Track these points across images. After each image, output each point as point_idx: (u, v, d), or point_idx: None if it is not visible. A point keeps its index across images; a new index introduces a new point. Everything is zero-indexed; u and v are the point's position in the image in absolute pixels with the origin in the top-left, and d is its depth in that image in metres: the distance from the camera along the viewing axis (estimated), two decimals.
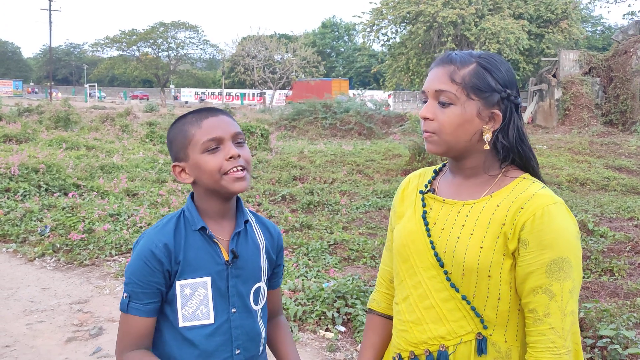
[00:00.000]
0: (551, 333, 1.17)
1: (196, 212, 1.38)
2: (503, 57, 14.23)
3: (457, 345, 1.26)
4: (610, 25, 53.48)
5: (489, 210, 1.25)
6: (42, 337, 3.88)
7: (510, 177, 1.29)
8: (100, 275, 5.16)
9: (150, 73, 51.51)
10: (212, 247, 1.37)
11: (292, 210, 7.74)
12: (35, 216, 6.51)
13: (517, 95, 1.28)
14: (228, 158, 1.32)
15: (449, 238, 1.27)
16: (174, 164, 1.39)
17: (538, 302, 1.19)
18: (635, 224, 7.07)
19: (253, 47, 43.00)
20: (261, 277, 1.44)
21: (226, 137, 1.34)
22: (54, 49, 70.03)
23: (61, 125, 17.67)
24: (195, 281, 1.34)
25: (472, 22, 27.39)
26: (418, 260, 1.32)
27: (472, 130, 1.25)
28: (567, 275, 1.18)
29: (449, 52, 1.31)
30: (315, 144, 16.27)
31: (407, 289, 1.34)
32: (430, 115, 1.27)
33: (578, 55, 22.77)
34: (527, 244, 1.19)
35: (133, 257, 1.34)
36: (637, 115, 20.74)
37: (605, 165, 12.56)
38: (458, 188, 1.33)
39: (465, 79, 1.24)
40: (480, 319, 1.24)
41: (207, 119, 1.35)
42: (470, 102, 1.24)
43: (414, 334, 1.31)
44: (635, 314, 3.98)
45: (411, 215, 1.38)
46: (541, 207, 1.19)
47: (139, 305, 1.31)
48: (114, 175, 9.61)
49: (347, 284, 4.34)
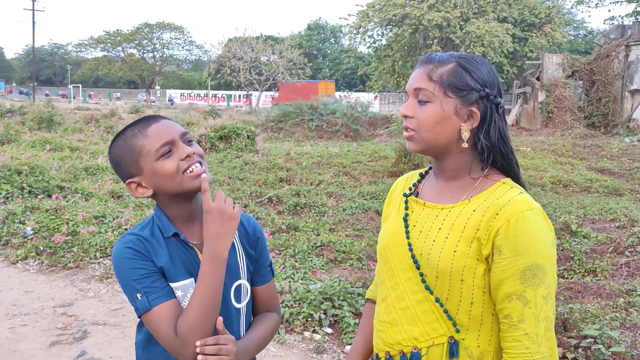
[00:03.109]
0: (525, 339, 1.18)
1: (166, 218, 1.37)
2: (487, 59, 14.49)
3: (429, 347, 1.27)
4: (592, 29, 54.28)
5: (465, 215, 1.26)
6: (25, 340, 3.82)
7: (490, 181, 1.29)
8: (85, 278, 5.10)
9: (135, 74, 51.01)
10: (189, 251, 1.37)
11: (279, 212, 7.73)
12: (18, 218, 6.42)
13: (498, 96, 1.29)
14: (184, 157, 1.32)
15: (425, 241, 1.28)
16: (128, 181, 1.36)
17: (512, 308, 1.19)
18: (617, 225, 7.17)
19: (239, 49, 42.90)
20: (240, 274, 1.43)
21: (176, 138, 1.34)
22: (38, 50, 69.16)
23: (44, 126, 17.48)
24: (183, 283, 1.34)
25: (457, 25, 27.60)
26: (397, 262, 1.34)
27: (450, 128, 1.26)
28: (541, 282, 1.18)
29: (430, 53, 1.34)
30: (302, 145, 16.27)
31: (386, 290, 1.37)
32: (410, 113, 1.30)
33: (561, 58, 23.06)
34: (502, 250, 1.19)
35: (116, 265, 1.33)
36: (618, 118, 21.06)
37: (588, 167, 12.72)
38: (440, 191, 1.34)
39: (442, 77, 1.26)
40: (452, 322, 1.25)
41: (150, 127, 1.34)
42: (447, 99, 1.26)
43: (390, 334, 1.33)
44: (618, 314, 4.03)
45: (394, 218, 1.41)
46: (516, 213, 1.19)
47: (159, 292, 1.29)
48: (99, 176, 9.52)
49: (334, 285, 4.35)
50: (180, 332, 1.26)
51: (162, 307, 1.27)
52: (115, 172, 1.40)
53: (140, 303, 1.28)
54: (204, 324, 1.26)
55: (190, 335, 1.25)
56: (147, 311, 1.28)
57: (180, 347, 1.26)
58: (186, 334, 1.25)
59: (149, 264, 1.31)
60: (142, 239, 1.33)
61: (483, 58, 1.32)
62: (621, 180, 11.42)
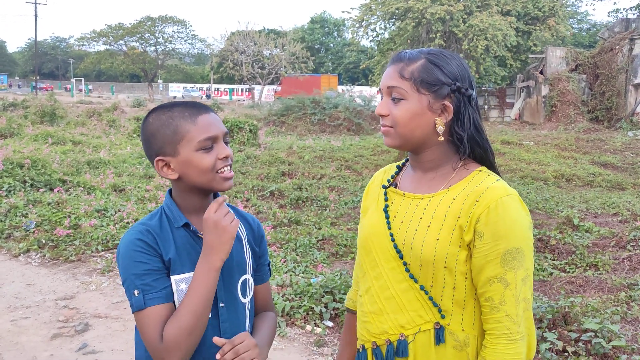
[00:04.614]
0: (506, 320, 1.22)
1: (177, 208, 1.37)
2: (491, 53, 14.39)
3: (415, 334, 1.30)
4: (595, 23, 53.93)
5: (445, 204, 1.29)
6: (27, 333, 3.84)
7: (467, 170, 1.33)
8: (87, 271, 5.11)
9: (138, 68, 50.98)
10: (197, 242, 1.36)
11: (281, 205, 7.74)
12: (20, 212, 6.44)
13: (470, 88, 1.32)
14: (222, 157, 1.32)
15: (407, 230, 1.31)
16: (158, 158, 1.34)
17: (494, 291, 1.23)
18: (619, 220, 7.16)
19: (242, 42, 42.77)
20: (246, 269, 1.44)
21: (220, 136, 1.34)
22: (40, 43, 69.18)
23: (47, 120, 17.50)
24: (189, 275, 1.32)
25: (460, 19, 27.45)
26: (380, 252, 1.36)
27: (425, 123, 1.30)
28: (521, 265, 1.23)
29: (400, 51, 1.37)
30: (304, 139, 16.26)
31: (369, 281, 1.39)
32: (385, 112, 1.33)
33: (565, 52, 22.96)
34: (483, 236, 1.23)
35: (122, 254, 1.31)
36: (622, 112, 20.98)
37: (591, 162, 12.69)
38: (418, 182, 1.37)
39: (414, 74, 1.29)
40: (438, 309, 1.29)
41: (202, 116, 1.33)
42: (420, 96, 1.29)
43: (376, 325, 1.35)
44: (619, 308, 4.03)
45: (374, 210, 1.43)
46: (495, 199, 1.24)
47: (156, 294, 1.27)
48: (101, 170, 9.54)
49: (335, 279, 4.35)
50: (167, 338, 1.23)
51: (155, 309, 1.25)
52: (143, 144, 1.37)
53: (135, 300, 1.26)
54: (192, 333, 1.24)
55: (176, 343, 1.23)
56: (141, 310, 1.26)
57: (163, 354, 1.23)
58: (172, 342, 1.23)
59: (155, 260, 1.29)
60: (152, 232, 1.32)
61: (452, 52, 1.37)
62: (624, 174, 11.38)
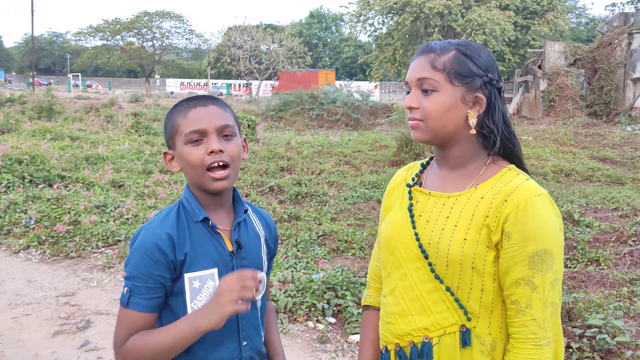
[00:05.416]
0: (532, 324, 1.19)
1: (196, 202, 1.35)
2: (489, 48, 14.38)
3: (440, 336, 1.27)
4: (594, 17, 53.88)
5: (473, 203, 1.26)
6: (29, 330, 3.82)
7: (495, 168, 1.29)
8: (87, 268, 5.09)
9: (135, 63, 50.72)
10: (216, 238, 1.34)
11: (280, 201, 7.72)
12: (20, 208, 6.41)
13: (500, 80, 1.29)
14: (209, 152, 1.29)
15: (433, 230, 1.28)
16: (165, 151, 1.40)
17: (520, 294, 1.19)
18: (620, 214, 7.15)
19: (239, 38, 42.62)
20: (262, 266, 1.43)
21: (210, 129, 1.30)
22: (37, 38, 68.76)
23: (44, 115, 17.41)
24: (203, 273, 1.31)
25: (458, 13, 27.40)
26: (404, 252, 1.33)
27: (458, 116, 1.26)
28: (549, 267, 1.19)
29: (428, 42, 1.33)
30: (302, 135, 16.23)
31: (393, 281, 1.36)
32: (415, 104, 1.28)
33: (563, 46, 22.92)
34: (510, 236, 1.19)
35: (133, 250, 1.30)
36: (620, 106, 20.97)
37: (590, 156, 12.69)
38: (444, 180, 1.34)
39: (446, 65, 1.25)
40: (464, 311, 1.25)
41: (194, 109, 1.32)
42: (453, 87, 1.25)
43: (399, 326, 1.32)
44: (622, 303, 4.03)
45: (398, 208, 1.39)
46: (524, 199, 1.20)
47: (140, 300, 1.27)
48: (99, 166, 9.50)
49: (337, 275, 4.34)
50: (128, 348, 1.25)
51: (134, 314, 1.26)
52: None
53: (122, 296, 1.29)
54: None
55: (132, 358, 1.25)
56: (122, 307, 1.29)
57: (119, 357, 1.28)
58: (130, 354, 1.25)
59: (161, 269, 1.27)
60: (172, 236, 1.29)
61: (479, 44, 1.33)
62: (623, 169, 11.39)
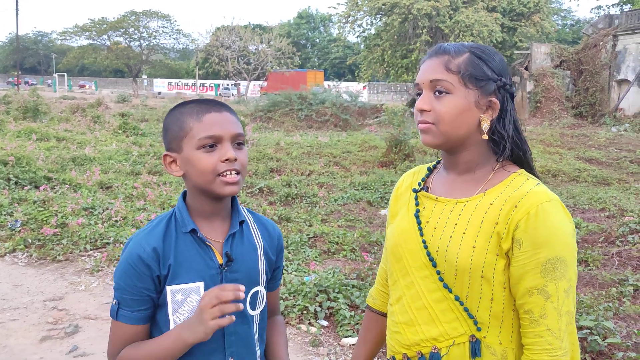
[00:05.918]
0: (548, 334, 1.15)
1: (187, 212, 1.31)
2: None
3: (449, 347, 1.23)
4: (579, 19, 54.50)
5: (481, 209, 1.22)
6: (16, 336, 3.76)
7: (504, 173, 1.26)
8: (75, 271, 5.02)
9: (122, 63, 50.43)
10: (204, 250, 1.30)
11: (270, 202, 7.69)
12: (5, 210, 6.31)
13: (512, 85, 1.27)
14: (223, 160, 1.25)
15: (441, 237, 1.24)
16: (165, 153, 1.32)
17: (534, 303, 1.16)
18: (607, 215, 7.22)
19: (227, 38, 42.49)
20: (259, 280, 1.37)
21: (226, 136, 1.26)
22: (22, 38, 67.94)
23: (30, 115, 17.19)
24: (187, 287, 1.27)
25: (446, 15, 27.53)
26: (411, 260, 1.29)
27: (471, 120, 1.23)
28: (563, 275, 1.15)
29: (440, 44, 1.29)
30: (291, 135, 16.19)
31: (400, 290, 1.32)
32: (427, 107, 1.24)
33: (549, 48, 23.13)
34: (522, 244, 1.16)
35: (121, 261, 1.28)
36: (605, 107, 21.21)
37: (576, 157, 12.80)
38: (451, 185, 1.30)
39: (461, 67, 1.22)
40: (473, 321, 1.21)
41: (209, 114, 1.27)
42: (467, 90, 1.22)
43: (407, 336, 1.28)
44: (612, 304, 4.06)
45: (404, 214, 1.35)
46: (535, 205, 1.16)
47: (128, 313, 1.25)
48: (87, 167, 9.39)
49: (329, 277, 4.32)
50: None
51: (123, 326, 1.26)
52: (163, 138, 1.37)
53: (112, 308, 1.28)
54: None
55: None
56: (112, 319, 1.29)
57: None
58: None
59: (145, 280, 1.25)
60: (156, 247, 1.26)
61: (492, 48, 1.30)
62: (609, 169, 11.50)
